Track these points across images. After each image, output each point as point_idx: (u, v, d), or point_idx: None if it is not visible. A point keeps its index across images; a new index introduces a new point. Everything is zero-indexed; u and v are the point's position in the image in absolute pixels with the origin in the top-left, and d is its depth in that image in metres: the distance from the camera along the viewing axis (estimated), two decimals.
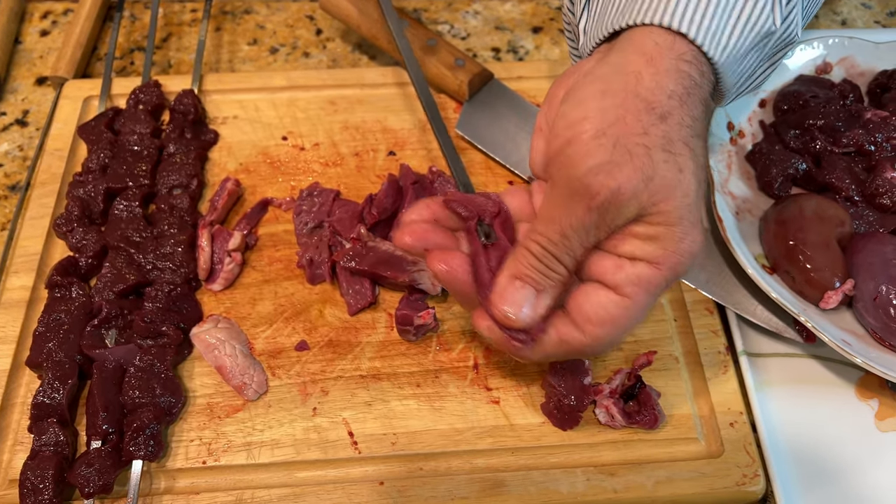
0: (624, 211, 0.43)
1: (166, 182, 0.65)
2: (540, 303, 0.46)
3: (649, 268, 0.44)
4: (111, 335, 0.57)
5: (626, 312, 0.45)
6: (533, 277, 0.45)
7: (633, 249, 0.44)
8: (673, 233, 0.44)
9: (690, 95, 0.45)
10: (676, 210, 0.43)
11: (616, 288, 0.45)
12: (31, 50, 0.81)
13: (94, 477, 0.50)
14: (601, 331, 0.45)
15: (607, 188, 0.42)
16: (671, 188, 0.43)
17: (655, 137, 0.43)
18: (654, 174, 0.43)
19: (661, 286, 0.45)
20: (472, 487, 0.52)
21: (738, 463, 0.53)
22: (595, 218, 0.43)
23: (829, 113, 0.66)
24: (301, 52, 0.80)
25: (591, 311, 0.45)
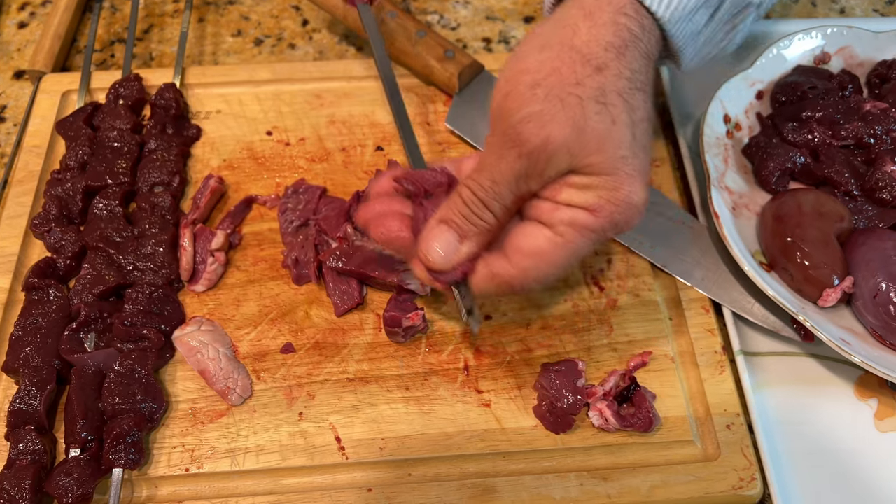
0: (554, 161, 0.44)
1: (147, 180, 0.63)
2: (461, 248, 0.47)
3: (585, 213, 0.45)
4: (90, 339, 0.55)
5: (556, 250, 0.45)
6: (457, 222, 0.46)
7: (570, 197, 0.45)
8: (608, 182, 0.44)
9: (629, 48, 0.46)
10: (609, 161, 0.44)
11: (551, 226, 0.46)
12: (8, 42, 0.78)
13: (72, 487, 0.48)
14: (529, 262, 0.46)
15: (537, 136, 0.43)
16: (602, 139, 0.43)
17: (589, 89, 0.44)
18: (586, 125, 0.43)
19: (597, 232, 0.45)
20: (462, 493, 0.51)
21: (735, 466, 0.52)
22: (525, 165, 0.44)
23: (827, 105, 0.65)
24: (287, 44, 0.78)
25: (523, 242, 0.46)
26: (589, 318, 0.58)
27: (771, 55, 0.68)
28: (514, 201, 0.46)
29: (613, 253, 0.61)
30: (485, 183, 0.45)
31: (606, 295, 0.59)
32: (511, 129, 0.44)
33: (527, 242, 0.46)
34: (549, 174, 0.45)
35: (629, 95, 0.45)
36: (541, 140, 0.43)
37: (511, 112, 0.44)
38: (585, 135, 0.43)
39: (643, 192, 0.45)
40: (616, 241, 0.62)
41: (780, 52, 0.69)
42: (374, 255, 0.57)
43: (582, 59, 0.44)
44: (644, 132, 0.46)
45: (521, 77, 0.44)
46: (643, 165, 0.45)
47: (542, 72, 0.44)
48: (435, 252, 0.47)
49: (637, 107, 0.45)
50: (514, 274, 0.46)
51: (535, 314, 0.58)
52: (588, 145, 0.43)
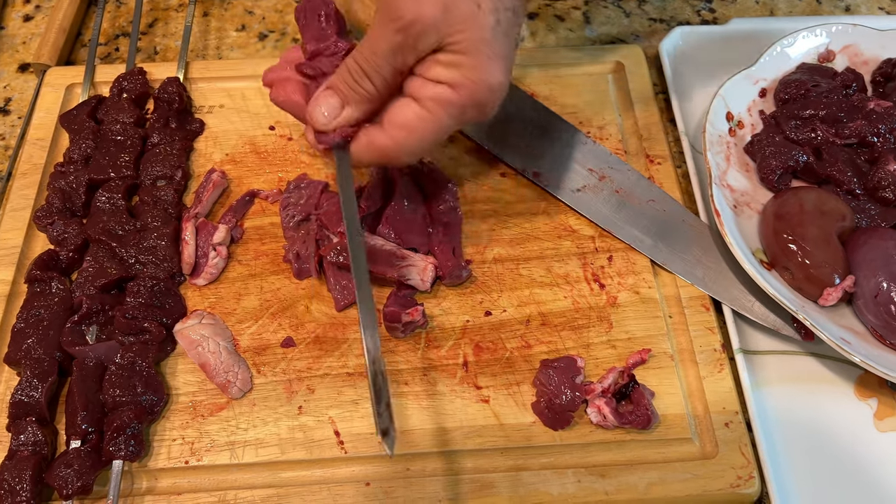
0: (425, 37, 0.48)
1: (150, 173, 0.63)
2: (344, 113, 0.51)
3: (448, 89, 0.49)
4: (92, 331, 0.55)
5: (424, 124, 0.50)
6: (341, 89, 0.51)
7: (437, 73, 0.49)
8: (469, 61, 0.48)
9: None
10: (471, 41, 0.48)
11: (420, 101, 0.50)
12: (13, 35, 0.79)
13: (72, 478, 0.49)
14: (400, 134, 0.51)
15: (411, 12, 0.47)
16: (467, 20, 0.48)
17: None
18: (453, 6, 0.47)
19: (459, 108, 0.50)
20: (460, 488, 0.51)
21: (733, 464, 0.52)
22: (400, 39, 0.48)
23: (831, 103, 0.65)
24: (290, 39, 0.78)
25: (396, 116, 0.51)
26: (589, 314, 0.58)
27: (774, 53, 0.68)
28: (392, 73, 0.50)
29: (614, 250, 0.61)
30: (366, 54, 0.49)
31: (606, 292, 0.59)
32: (389, 4, 0.48)
33: (399, 115, 0.51)
34: (421, 48, 0.49)
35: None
36: (413, 16, 0.47)
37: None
38: (452, 14, 0.47)
39: (501, 75, 0.49)
40: (616, 239, 0.61)
41: (783, 50, 0.68)
42: (374, 251, 0.57)
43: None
44: (508, 20, 0.49)
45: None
46: (504, 50, 0.49)
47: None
48: (319, 113, 0.51)
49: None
50: (388, 144, 0.51)
51: (534, 310, 0.58)
52: (454, 24, 0.48)
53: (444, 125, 0.51)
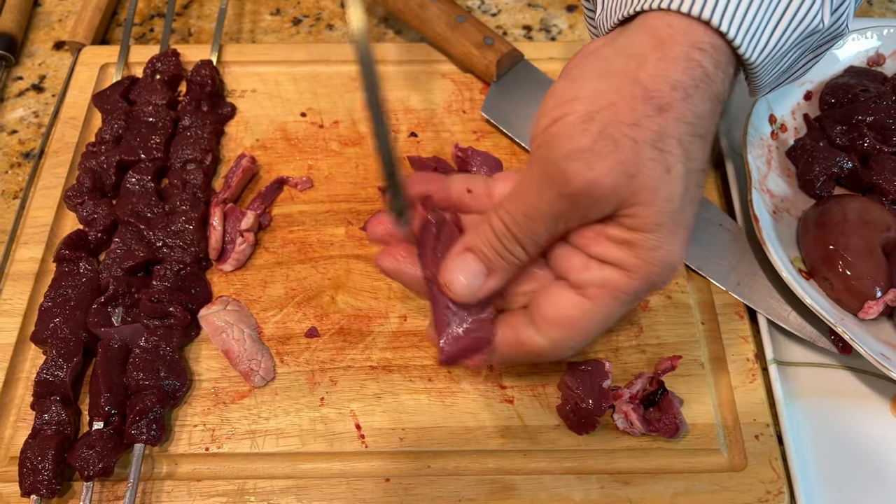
0: (598, 205, 0.40)
1: (180, 156, 0.63)
2: (487, 282, 0.43)
3: (618, 272, 0.41)
4: (118, 313, 0.55)
5: (585, 316, 0.42)
6: (486, 253, 0.43)
7: (605, 252, 0.42)
8: (648, 240, 0.40)
9: (698, 89, 0.41)
10: (656, 215, 0.40)
11: (580, 288, 0.42)
12: (49, 13, 0.79)
13: (94, 459, 0.49)
14: (557, 332, 0.42)
15: (583, 177, 0.39)
16: (654, 190, 0.39)
17: (647, 131, 0.39)
18: (638, 172, 0.39)
19: (630, 294, 0.42)
20: (480, 489, 0.50)
21: (762, 478, 0.50)
22: (565, 207, 0.40)
23: (879, 108, 0.62)
24: (325, 24, 0.77)
25: (550, 309, 0.43)
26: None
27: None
28: (549, 240, 0.43)
29: None
30: (518, 217, 0.42)
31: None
32: (554, 164, 0.39)
33: (554, 308, 0.43)
34: (591, 216, 0.41)
35: (688, 143, 0.40)
36: (587, 182, 0.39)
37: (556, 144, 0.40)
38: (636, 182, 0.39)
39: (682, 250, 0.42)
40: None
41: (832, 52, 0.66)
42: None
43: (644, 96, 0.39)
44: (697, 184, 0.42)
45: (574, 105, 0.40)
46: (689, 220, 0.42)
47: (597, 103, 0.39)
48: (459, 282, 0.43)
49: (695, 156, 0.41)
50: (544, 345, 0.43)
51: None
52: (637, 194, 0.39)
53: (611, 314, 0.42)
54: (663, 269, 0.41)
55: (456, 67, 0.70)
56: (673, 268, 0.42)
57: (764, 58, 0.43)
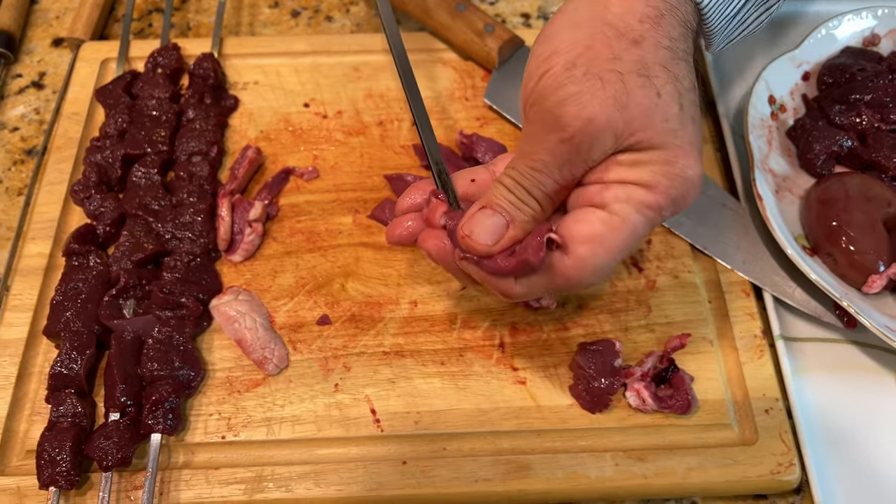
0: (599, 143, 0.41)
1: (185, 149, 0.63)
2: (507, 232, 0.43)
3: (640, 189, 0.42)
4: (129, 305, 0.55)
5: (615, 233, 0.42)
6: (503, 206, 0.44)
7: (620, 175, 0.42)
8: (660, 156, 0.42)
9: (664, 17, 0.43)
10: (658, 135, 0.41)
11: (604, 206, 0.42)
12: (47, 10, 0.78)
13: (112, 450, 0.49)
14: (585, 249, 0.42)
15: (579, 119, 0.40)
16: (648, 114, 0.41)
17: (629, 63, 0.41)
18: (629, 101, 0.41)
19: (655, 210, 0.42)
20: (496, 469, 0.51)
21: (773, 451, 0.51)
22: (568, 151, 0.42)
23: (876, 87, 0.63)
24: (324, 16, 0.78)
25: (576, 227, 0.42)
26: (627, 298, 0.58)
27: (819, 35, 0.67)
28: (557, 190, 0.43)
29: (653, 233, 0.61)
30: (525, 171, 0.43)
31: (645, 276, 0.59)
32: (548, 113, 0.41)
33: (580, 228, 0.42)
34: (594, 157, 0.42)
35: (671, 65, 0.42)
36: (582, 122, 0.40)
37: (547, 95, 0.41)
38: (629, 111, 0.41)
39: (698, 166, 0.42)
40: None
41: (828, 33, 0.67)
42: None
43: (616, 34, 0.42)
44: (691, 102, 0.43)
45: (554, 58, 0.42)
46: (694, 137, 0.43)
47: (575, 50, 0.42)
48: (480, 231, 0.43)
49: (681, 76, 0.43)
50: (570, 264, 0.42)
51: (571, 293, 0.58)
52: (633, 122, 0.41)
53: (638, 231, 0.42)
54: (682, 182, 0.42)
55: (457, 55, 0.71)
56: (691, 182, 0.42)
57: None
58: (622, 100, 0.41)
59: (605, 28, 0.42)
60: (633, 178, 0.42)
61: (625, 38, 0.42)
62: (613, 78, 0.41)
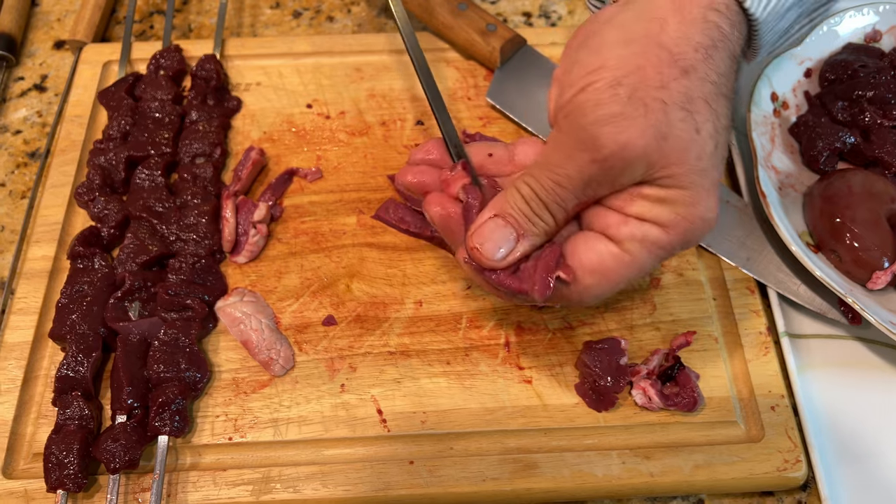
0: (630, 169, 0.41)
1: (189, 150, 0.63)
2: (517, 247, 0.43)
3: (657, 229, 0.42)
4: (135, 307, 0.56)
5: (622, 268, 0.42)
6: (515, 218, 0.43)
7: (642, 211, 0.42)
8: (685, 196, 0.41)
9: (717, 49, 0.42)
10: (689, 174, 0.41)
11: (618, 242, 0.42)
12: (48, 12, 0.78)
13: (119, 452, 0.49)
14: (591, 279, 0.43)
15: (615, 141, 0.39)
16: (685, 150, 0.40)
17: (675, 93, 0.40)
18: (669, 133, 0.40)
19: (667, 250, 0.42)
20: (503, 468, 0.51)
21: (780, 448, 0.51)
22: (597, 172, 0.41)
23: (878, 84, 0.63)
24: (325, 17, 0.78)
25: (586, 257, 0.43)
26: (632, 296, 0.58)
27: (821, 32, 0.67)
28: (577, 206, 0.43)
29: None
30: (547, 184, 0.42)
31: (650, 274, 0.59)
32: (584, 130, 0.40)
33: (589, 258, 0.43)
34: (622, 182, 0.41)
35: (714, 101, 0.41)
36: (618, 146, 0.39)
37: (586, 111, 0.40)
38: (668, 144, 0.40)
39: (717, 208, 0.42)
40: None
41: (830, 29, 0.67)
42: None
43: (669, 59, 0.40)
44: (725, 142, 0.43)
45: (601, 73, 0.40)
46: (719, 177, 0.42)
47: (623, 69, 0.40)
48: (491, 243, 0.43)
49: (721, 114, 0.42)
50: (573, 290, 0.43)
51: None
52: (669, 155, 0.40)
53: (645, 268, 0.43)
54: (701, 224, 0.42)
55: (459, 55, 0.71)
56: (709, 224, 0.42)
57: (767, 14, 0.44)
58: (663, 130, 0.40)
59: (659, 51, 0.41)
60: (653, 217, 0.42)
61: (676, 65, 0.40)
62: (658, 107, 0.40)
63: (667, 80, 0.40)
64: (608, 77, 0.40)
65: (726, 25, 0.42)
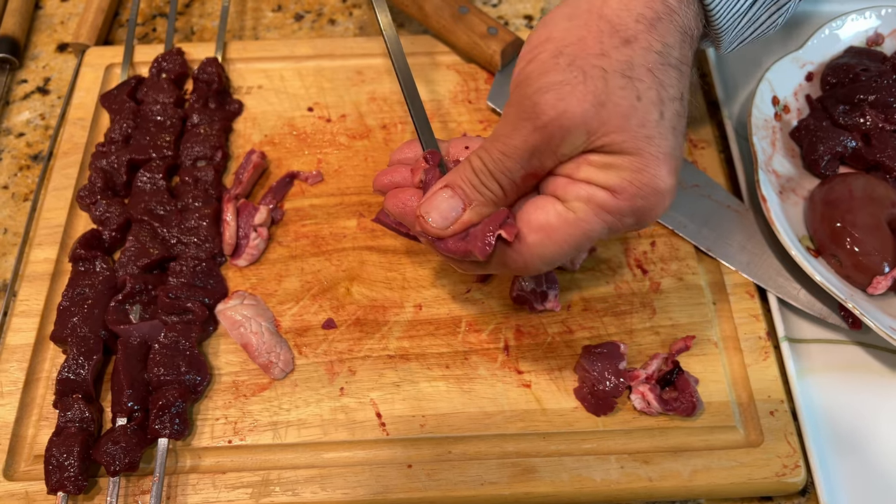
0: (571, 137, 0.41)
1: (190, 154, 0.63)
2: (462, 216, 0.44)
3: (604, 192, 0.42)
4: (135, 310, 0.56)
5: (565, 226, 0.42)
6: (463, 189, 0.44)
7: (589, 175, 0.42)
8: (631, 162, 0.41)
9: (661, 20, 0.42)
10: (631, 140, 0.41)
11: (564, 201, 0.43)
12: (51, 15, 0.79)
13: (119, 455, 0.49)
14: (535, 236, 0.43)
15: (554, 108, 0.40)
16: (625, 116, 0.40)
17: (615, 61, 0.41)
18: (608, 100, 0.40)
19: (613, 215, 0.42)
20: (502, 472, 0.51)
21: (779, 453, 0.51)
22: (539, 139, 0.41)
23: (880, 87, 0.63)
24: (327, 20, 0.78)
25: (532, 215, 0.43)
26: (631, 300, 0.58)
27: (822, 36, 0.67)
28: (524, 177, 0.43)
29: (657, 235, 0.61)
30: (494, 154, 0.43)
31: (650, 278, 0.59)
32: (527, 98, 0.41)
33: (536, 216, 0.43)
34: (564, 151, 0.42)
35: (659, 71, 0.42)
36: (557, 113, 0.40)
37: (530, 80, 0.41)
38: (606, 110, 0.40)
39: (670, 178, 0.41)
40: (660, 224, 0.61)
41: (832, 33, 0.67)
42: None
43: (610, 29, 0.41)
44: (675, 112, 0.42)
45: (545, 45, 0.42)
46: (672, 148, 0.42)
47: (566, 40, 0.42)
48: (436, 212, 0.44)
49: (668, 84, 0.42)
50: (518, 248, 0.43)
51: (576, 296, 0.58)
52: (608, 122, 0.40)
53: (592, 232, 0.42)
54: (650, 192, 0.41)
55: (460, 58, 0.71)
56: (660, 194, 0.42)
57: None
58: (601, 98, 0.40)
59: (600, 22, 0.42)
60: (600, 181, 0.42)
61: (617, 35, 0.42)
62: (597, 74, 0.41)
63: (607, 48, 0.41)
64: (551, 48, 0.42)
65: (673, 0, 0.43)
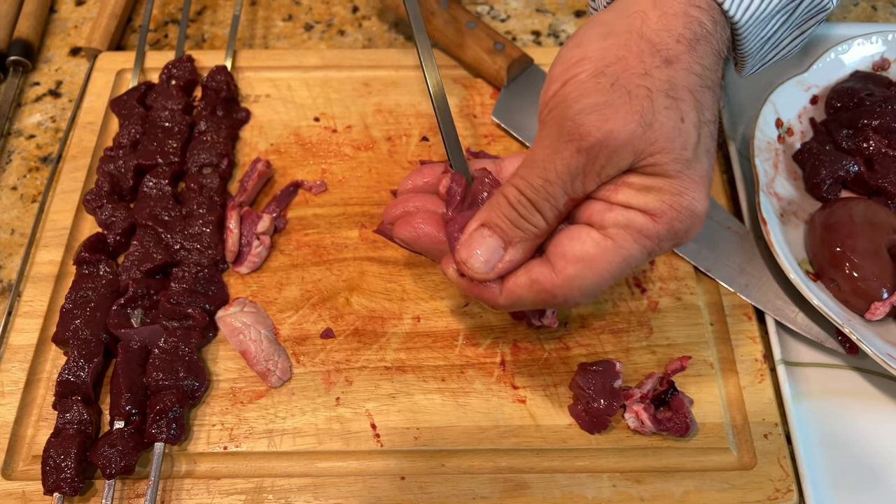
0: (616, 158, 0.40)
1: (196, 160, 0.64)
2: (505, 256, 0.43)
3: (642, 216, 0.41)
4: (137, 315, 0.56)
5: (605, 255, 0.41)
6: (501, 227, 0.42)
7: (627, 198, 0.41)
8: (671, 185, 0.40)
9: (700, 42, 0.42)
10: (674, 162, 0.40)
11: (601, 228, 0.41)
12: (66, 19, 0.80)
13: (115, 458, 0.50)
14: (573, 269, 0.41)
15: (600, 129, 0.39)
16: (670, 138, 0.40)
17: (659, 81, 0.40)
18: (654, 120, 0.39)
19: (652, 240, 0.41)
20: (494, 487, 0.51)
21: (771, 476, 0.51)
22: (583, 162, 0.40)
23: (885, 112, 0.63)
24: (336, 30, 0.79)
25: (568, 246, 0.42)
26: (629, 319, 0.58)
27: (828, 59, 0.67)
28: (567, 203, 0.42)
29: None
30: (535, 182, 0.41)
31: (648, 297, 0.59)
32: (569, 120, 0.40)
33: (572, 247, 0.41)
34: (609, 172, 0.41)
35: (699, 93, 0.41)
36: (603, 134, 0.39)
37: (570, 102, 0.40)
38: (653, 131, 0.39)
39: (706, 201, 0.41)
40: None
41: (837, 57, 0.67)
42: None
43: (651, 49, 0.41)
44: (709, 135, 0.42)
45: (583, 65, 0.41)
46: (707, 171, 0.42)
47: (605, 60, 0.40)
48: (476, 258, 0.42)
49: (706, 106, 0.42)
50: (557, 283, 0.42)
51: (573, 312, 0.58)
52: (654, 143, 0.40)
53: (632, 259, 0.41)
54: (688, 216, 0.41)
55: (466, 73, 0.71)
56: (697, 217, 0.41)
57: (748, 18, 0.45)
58: (647, 118, 0.39)
59: (640, 42, 0.41)
60: (639, 204, 0.41)
61: (658, 55, 0.41)
62: (642, 94, 0.40)
63: (649, 68, 0.40)
64: (590, 68, 0.40)
65: (708, 22, 0.43)
